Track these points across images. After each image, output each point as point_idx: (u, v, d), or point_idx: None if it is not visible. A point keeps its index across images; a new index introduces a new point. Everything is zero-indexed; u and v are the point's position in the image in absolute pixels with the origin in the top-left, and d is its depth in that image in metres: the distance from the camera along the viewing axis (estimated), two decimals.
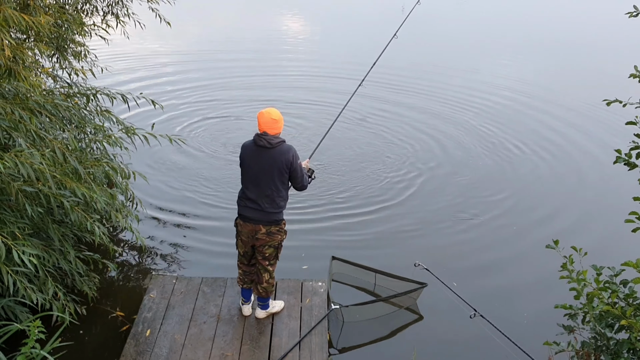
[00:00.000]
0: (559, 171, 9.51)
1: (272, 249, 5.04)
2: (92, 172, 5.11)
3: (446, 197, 8.40)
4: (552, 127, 11.32)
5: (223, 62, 15.06)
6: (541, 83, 14.52)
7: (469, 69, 15.37)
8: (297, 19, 22.27)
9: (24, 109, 4.60)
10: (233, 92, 12.62)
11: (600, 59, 17.41)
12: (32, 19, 4.32)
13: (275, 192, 4.84)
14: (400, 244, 7.22)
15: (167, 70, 14.25)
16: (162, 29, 7.89)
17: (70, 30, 6.33)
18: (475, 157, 9.79)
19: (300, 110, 11.60)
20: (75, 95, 6.23)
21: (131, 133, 6.02)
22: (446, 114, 11.78)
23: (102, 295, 5.83)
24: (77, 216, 4.54)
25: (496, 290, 6.46)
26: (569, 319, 3.99)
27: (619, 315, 3.49)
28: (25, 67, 4.74)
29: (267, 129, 4.72)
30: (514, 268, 6.88)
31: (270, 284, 5.21)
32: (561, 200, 8.54)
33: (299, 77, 14.13)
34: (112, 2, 7.21)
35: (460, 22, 21.83)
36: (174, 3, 7.41)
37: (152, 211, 7.51)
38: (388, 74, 13.54)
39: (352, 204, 8.07)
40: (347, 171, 9.05)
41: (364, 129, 10.86)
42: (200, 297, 5.70)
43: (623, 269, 3.73)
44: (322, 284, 5.95)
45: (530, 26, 21.45)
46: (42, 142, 4.54)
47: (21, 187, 4.19)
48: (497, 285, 6.55)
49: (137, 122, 8.69)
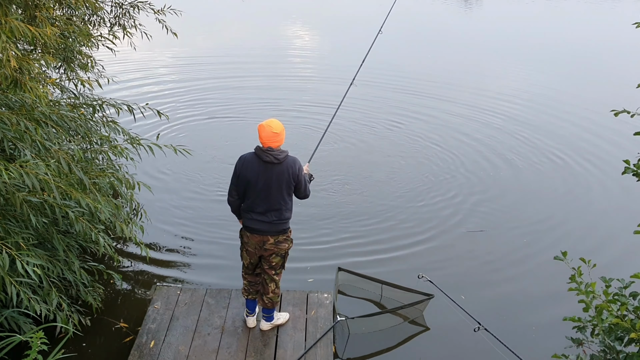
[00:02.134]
0: (567, 182, 9.42)
1: (279, 258, 5.02)
2: (97, 182, 5.11)
3: (453, 209, 8.33)
4: (559, 137, 11.24)
5: (230, 72, 15.10)
6: (549, 92, 14.45)
7: (476, 80, 15.33)
8: (304, 28, 22.35)
9: (30, 119, 4.61)
10: (240, 102, 12.64)
11: (610, 68, 17.33)
12: (38, 30, 4.33)
13: (283, 205, 4.85)
14: (406, 255, 7.16)
15: (173, 80, 14.31)
16: (169, 39, 7.93)
17: (77, 42, 6.37)
18: (484, 168, 9.70)
19: (310, 115, 11.63)
20: (81, 106, 6.27)
21: (136, 143, 6.03)
22: (453, 124, 11.72)
23: (107, 305, 5.81)
24: (82, 227, 4.53)
25: (503, 302, 6.38)
26: (577, 332, 3.93)
27: (628, 328, 3.44)
28: (31, 78, 4.76)
29: (270, 143, 4.71)
30: (521, 280, 6.80)
31: (276, 294, 5.18)
32: (569, 212, 8.46)
33: (308, 82, 14.17)
34: (119, 14, 7.25)
35: (466, 34, 21.86)
36: (180, 14, 7.44)
37: (157, 221, 7.50)
38: (395, 75, 13.57)
39: (358, 214, 8.02)
40: (353, 181, 9.01)
41: (372, 135, 10.84)
42: (205, 308, 5.67)
43: (632, 281, 3.67)
44: (328, 296, 5.91)
45: (538, 36, 21.43)
46: (48, 153, 4.54)
47: (26, 198, 4.19)
48: (504, 297, 6.47)
49: (143, 132, 8.72)
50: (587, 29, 23.81)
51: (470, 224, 7.91)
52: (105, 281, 5.91)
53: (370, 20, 17.76)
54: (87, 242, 5.44)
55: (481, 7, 29.54)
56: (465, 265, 7.00)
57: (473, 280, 6.71)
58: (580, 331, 3.92)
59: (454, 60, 17.42)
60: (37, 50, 5.92)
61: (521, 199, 8.76)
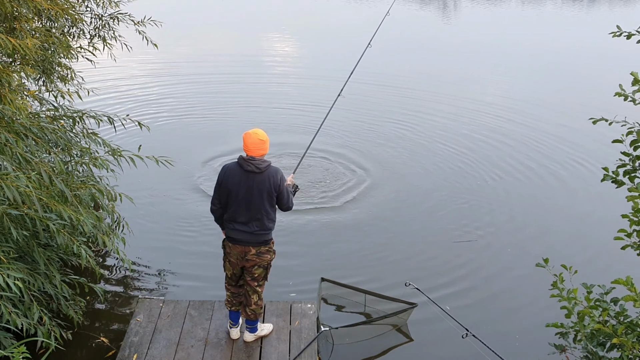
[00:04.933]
0: (547, 190, 9.54)
1: (261, 269, 5.01)
2: (78, 194, 5.06)
3: (438, 218, 8.39)
4: (539, 146, 11.37)
5: (212, 83, 15.05)
6: (530, 100, 14.61)
7: (458, 89, 15.45)
8: (285, 37, 22.39)
9: (10, 131, 4.56)
10: (223, 112, 12.60)
11: (588, 78, 17.58)
12: (19, 42, 4.30)
13: (265, 215, 4.85)
14: (391, 264, 7.19)
15: (155, 91, 14.21)
16: (149, 50, 7.90)
17: (57, 54, 6.32)
18: (467, 178, 9.77)
19: (296, 126, 11.65)
20: (61, 118, 6.20)
21: (117, 155, 5.99)
22: (436, 134, 11.78)
23: (88, 319, 5.74)
24: (64, 239, 4.47)
25: (487, 310, 6.44)
26: (560, 338, 3.98)
27: (610, 333, 3.48)
28: (11, 90, 4.71)
29: (254, 150, 4.75)
30: (504, 287, 6.87)
31: (258, 305, 5.16)
32: (550, 219, 8.57)
33: (293, 95, 14.18)
34: (99, 26, 7.22)
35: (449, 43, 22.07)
36: (160, 25, 7.43)
37: (139, 233, 7.42)
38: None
39: (341, 223, 8.04)
40: (338, 189, 9.03)
41: (357, 145, 10.87)
42: (188, 320, 5.63)
43: (613, 287, 3.73)
44: (312, 306, 5.90)
45: (523, 47, 21.70)
46: (28, 165, 4.49)
47: (6, 211, 4.14)
48: (487, 304, 6.53)
49: (125, 143, 8.63)
50: (563, 37, 24.19)
51: (457, 234, 7.96)
52: (87, 294, 5.83)
53: (355, 30, 17.90)
54: (68, 254, 5.38)
55: (459, 16, 29.86)
56: (451, 274, 7.04)
57: (458, 289, 6.75)
58: (563, 337, 3.96)
59: (432, 70, 17.54)
60: (16, 63, 5.87)
61: (503, 208, 8.84)
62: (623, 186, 3.96)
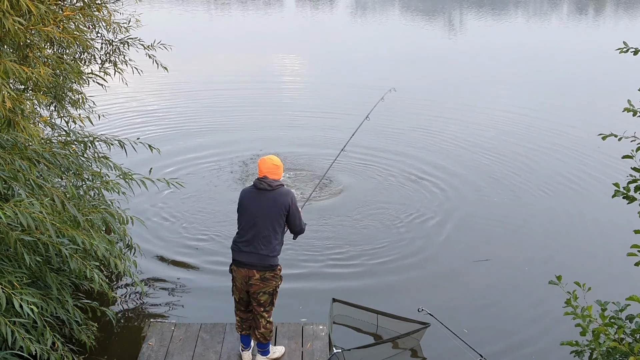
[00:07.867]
0: (559, 207, 9.46)
1: (267, 296, 4.97)
2: (90, 219, 5.09)
3: (450, 239, 8.32)
4: (549, 162, 11.32)
5: (222, 105, 15.12)
6: (542, 116, 14.57)
7: (463, 105, 15.43)
8: (297, 60, 22.51)
9: (23, 158, 4.61)
10: (233, 135, 12.61)
11: (597, 94, 17.51)
12: (32, 70, 4.36)
13: (272, 234, 4.85)
14: (403, 287, 7.12)
15: (165, 114, 14.32)
16: (159, 73, 7.98)
17: (68, 80, 6.40)
18: (479, 199, 9.71)
19: (306, 154, 11.63)
20: (72, 143, 6.26)
21: (128, 178, 6.03)
22: (442, 153, 11.75)
23: (101, 343, 5.73)
24: (77, 264, 4.50)
25: (502, 331, 6.36)
26: (575, 356, 3.93)
27: (626, 351, 3.45)
28: (24, 117, 4.78)
29: (267, 173, 4.85)
30: (518, 307, 6.79)
31: (268, 329, 5.13)
32: (562, 237, 8.50)
33: (302, 119, 14.14)
34: (109, 51, 7.31)
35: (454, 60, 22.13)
36: (170, 49, 7.51)
37: (150, 256, 7.46)
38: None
39: (352, 246, 8.01)
40: (349, 213, 9.00)
41: (366, 166, 10.84)
42: (200, 343, 5.61)
43: (628, 304, 3.69)
44: (323, 327, 5.87)
45: (526, 61, 21.72)
46: (41, 191, 4.53)
47: (19, 237, 4.17)
48: (502, 326, 6.45)
49: (135, 167, 8.70)
50: (570, 50, 24.22)
51: (472, 253, 7.90)
52: (99, 318, 5.84)
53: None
54: (80, 279, 5.40)
55: (465, 33, 29.96)
56: (461, 296, 6.98)
57: (469, 310, 6.70)
58: (578, 355, 3.92)
59: (438, 88, 17.55)
60: (28, 90, 5.94)
61: (514, 226, 8.79)
62: (635, 202, 3.94)
